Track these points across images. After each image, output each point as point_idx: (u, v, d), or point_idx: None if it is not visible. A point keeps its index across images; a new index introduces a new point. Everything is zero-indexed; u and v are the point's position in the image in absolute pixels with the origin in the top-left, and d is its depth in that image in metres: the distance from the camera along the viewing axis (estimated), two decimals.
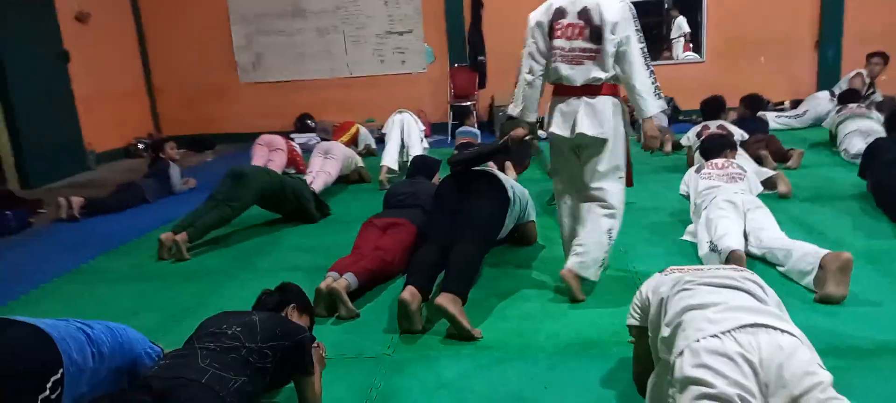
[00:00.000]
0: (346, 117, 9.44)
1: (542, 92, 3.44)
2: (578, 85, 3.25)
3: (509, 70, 9.47)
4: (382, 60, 9.86)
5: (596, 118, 3.23)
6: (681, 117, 8.98)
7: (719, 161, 4.33)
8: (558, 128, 3.33)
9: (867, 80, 7.87)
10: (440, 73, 9.71)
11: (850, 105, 6.49)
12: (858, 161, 5.55)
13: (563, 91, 3.33)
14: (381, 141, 7.81)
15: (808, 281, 3.18)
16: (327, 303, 3.33)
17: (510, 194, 3.80)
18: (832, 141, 6.52)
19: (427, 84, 9.79)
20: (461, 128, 7.98)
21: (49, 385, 2.15)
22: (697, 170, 4.29)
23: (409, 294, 3.04)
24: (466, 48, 9.50)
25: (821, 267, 3.11)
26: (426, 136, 8.32)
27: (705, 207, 3.88)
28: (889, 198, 4.22)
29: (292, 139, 8.95)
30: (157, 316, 3.53)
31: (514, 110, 3.47)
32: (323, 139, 7.34)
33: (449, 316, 2.92)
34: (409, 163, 5.41)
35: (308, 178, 5.99)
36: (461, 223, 3.45)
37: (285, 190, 5.06)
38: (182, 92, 10.28)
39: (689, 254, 3.87)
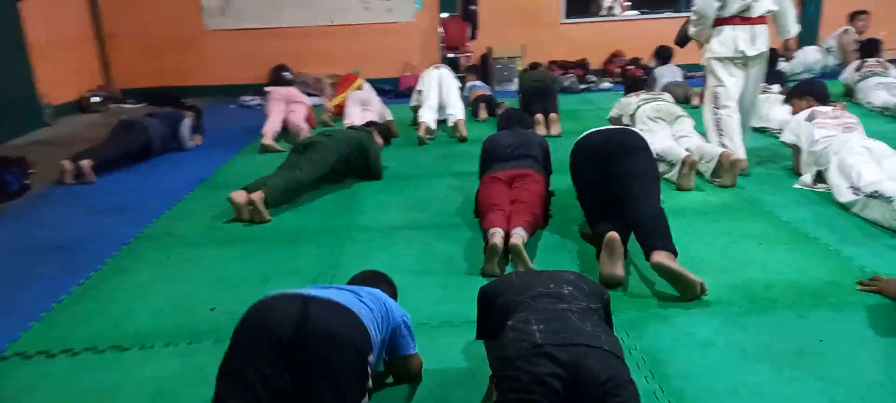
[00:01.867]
0: (328, 69, 8.89)
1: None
2: (755, 16, 4.39)
3: (502, 20, 9.31)
4: (367, 8, 9.29)
5: (765, 39, 4.46)
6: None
7: (828, 109, 4.31)
8: (744, 44, 4.38)
9: (854, 38, 8.22)
10: (429, 23, 9.28)
11: (869, 61, 6.72)
12: (885, 112, 5.77)
13: (740, 20, 4.37)
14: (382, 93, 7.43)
15: None
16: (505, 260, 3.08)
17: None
18: (848, 93, 6.75)
19: (415, 34, 9.33)
20: (471, 83, 7.68)
21: (369, 368, 1.79)
22: (809, 120, 4.25)
23: (613, 236, 2.85)
24: None
25: None
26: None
27: (835, 153, 3.85)
28: None
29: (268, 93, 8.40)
30: (294, 279, 3.10)
31: (691, 30, 4.62)
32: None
33: (674, 272, 2.71)
34: (499, 115, 5.19)
35: (265, 132, 5.60)
36: (625, 178, 3.20)
37: (365, 148, 4.64)
38: (139, 39, 9.26)
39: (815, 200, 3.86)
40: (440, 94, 6.24)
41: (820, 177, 4.05)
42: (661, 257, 2.74)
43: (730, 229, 3.50)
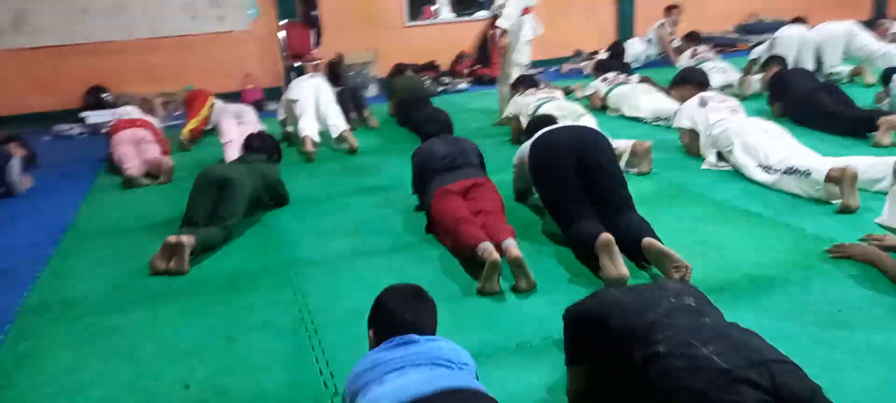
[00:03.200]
0: (154, 87, 7.95)
1: None
2: None
3: (345, 25, 8.96)
4: (194, 17, 8.41)
5: None
6: None
7: (714, 94, 4.66)
8: None
9: (670, 29, 9.14)
10: (267, 31, 8.64)
11: (700, 48, 7.47)
12: (725, 90, 6.45)
13: None
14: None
15: (882, 186, 3.63)
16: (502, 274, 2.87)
17: None
18: None
19: (253, 43, 8.64)
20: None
21: None
22: (702, 105, 4.55)
23: (609, 238, 2.80)
24: (298, 0, 8.60)
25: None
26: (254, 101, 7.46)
27: (737, 135, 4.16)
28: (820, 113, 4.97)
29: (85, 119, 7.33)
30: (271, 333, 2.62)
31: None
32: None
33: (666, 254, 2.73)
34: (422, 121, 4.80)
35: (227, 149, 4.93)
36: (604, 177, 3.16)
37: (271, 182, 4.11)
38: None
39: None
40: (318, 107, 5.78)
41: (720, 157, 4.38)
42: (652, 240, 2.78)
43: (678, 215, 3.61)
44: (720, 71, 6.87)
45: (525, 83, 5.58)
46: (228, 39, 8.52)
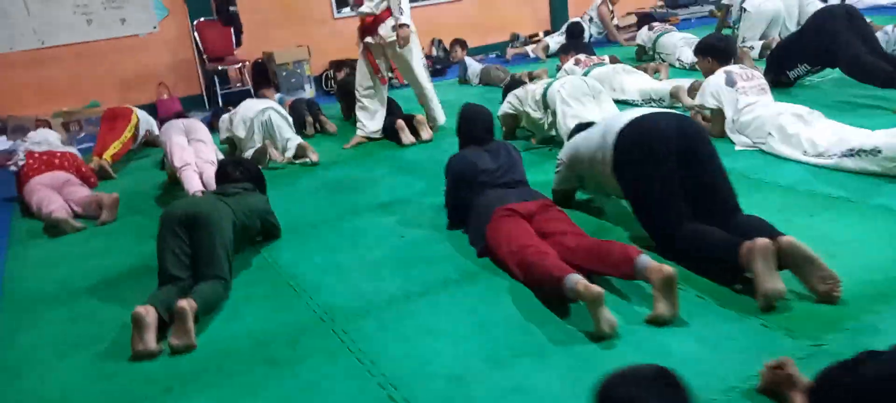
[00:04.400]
0: (50, 106, 6.80)
1: None
2: None
3: (267, 21, 8.02)
4: (90, 20, 7.22)
5: None
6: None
7: (741, 71, 4.27)
8: None
9: (611, 7, 8.89)
10: (179, 32, 7.59)
11: (656, 24, 7.20)
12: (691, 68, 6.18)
13: None
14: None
15: None
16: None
17: None
18: (641, 55, 7.17)
19: (164, 47, 7.55)
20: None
21: None
22: (730, 85, 4.17)
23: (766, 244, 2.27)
24: None
25: None
26: (173, 113, 6.46)
27: (770, 130, 3.82)
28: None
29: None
30: None
31: None
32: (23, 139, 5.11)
33: (812, 258, 2.27)
34: (461, 123, 3.61)
35: (185, 175, 4.04)
36: (717, 174, 2.67)
37: (261, 214, 3.31)
38: None
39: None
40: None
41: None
42: (795, 241, 2.29)
43: (758, 206, 3.15)
44: (689, 44, 6.60)
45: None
46: (134, 45, 7.39)
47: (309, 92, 7.55)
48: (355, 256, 3.16)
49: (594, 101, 4.27)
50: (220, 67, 7.50)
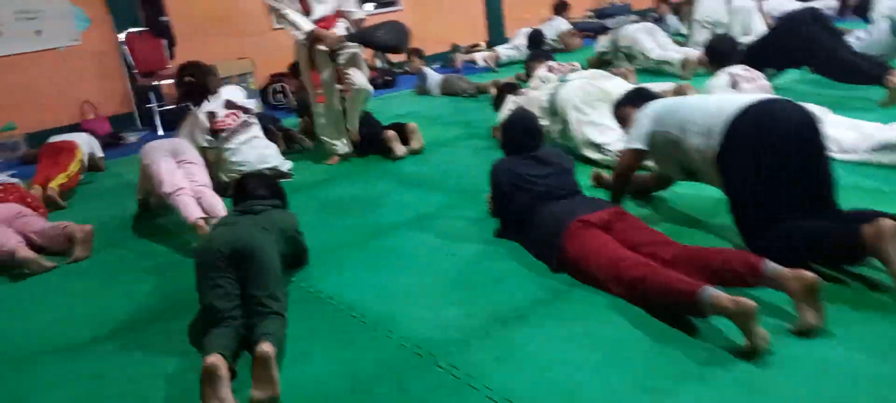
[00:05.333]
0: None
1: None
2: None
3: (201, 32, 7.41)
4: (0, 33, 6.38)
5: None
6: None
7: (745, 73, 4.30)
8: None
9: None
10: (105, 45, 6.88)
11: (610, 27, 7.28)
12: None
13: None
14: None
15: None
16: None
17: None
18: (602, 63, 7.20)
19: (87, 61, 6.81)
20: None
21: None
22: (733, 85, 4.19)
23: None
24: (139, 6, 6.93)
25: None
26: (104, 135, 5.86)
27: None
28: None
29: None
30: None
31: None
32: None
33: None
34: (506, 131, 3.33)
35: (179, 201, 3.53)
36: (818, 165, 2.53)
37: (291, 235, 2.92)
38: None
39: None
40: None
41: None
42: None
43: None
44: (649, 32, 6.70)
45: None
46: (53, 59, 6.62)
47: (256, 106, 7.02)
48: (411, 280, 2.84)
49: (609, 106, 4.14)
50: (153, 82, 6.84)
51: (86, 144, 5.12)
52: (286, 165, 4.52)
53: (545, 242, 2.77)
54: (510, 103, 4.53)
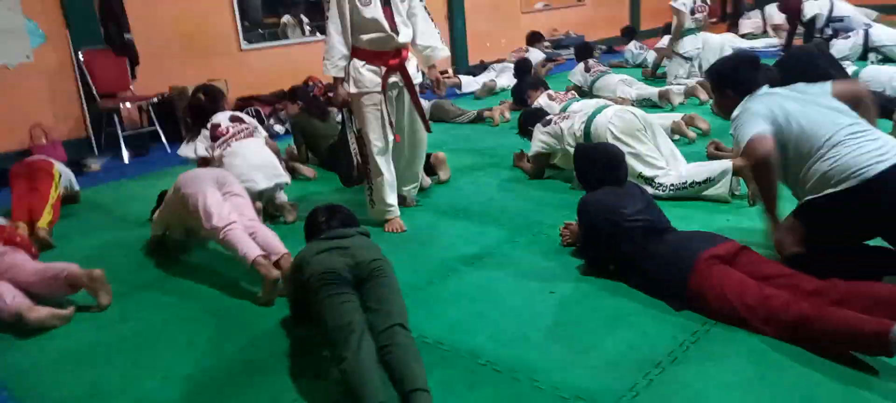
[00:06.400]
0: None
1: None
2: None
3: (164, 52, 6.91)
4: None
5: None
6: None
7: None
8: None
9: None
10: (60, 63, 6.22)
11: (591, 62, 7.26)
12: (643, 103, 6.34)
13: None
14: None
15: None
16: None
17: None
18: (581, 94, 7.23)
19: (40, 81, 6.13)
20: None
21: None
22: None
23: None
24: (101, 21, 6.34)
25: None
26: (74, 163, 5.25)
27: None
28: None
29: None
30: None
31: None
32: None
33: None
34: (592, 160, 3.18)
35: (232, 236, 3.10)
36: None
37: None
38: None
39: None
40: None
41: None
42: None
43: None
44: (627, 84, 6.80)
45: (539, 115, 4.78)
46: (1, 78, 5.90)
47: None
48: (519, 321, 2.63)
49: (650, 135, 4.09)
50: (122, 104, 6.24)
51: (64, 174, 4.56)
52: (286, 177, 4.15)
53: (668, 281, 2.64)
54: (541, 134, 4.38)
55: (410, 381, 1.94)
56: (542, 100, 5.90)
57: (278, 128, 6.69)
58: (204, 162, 4.02)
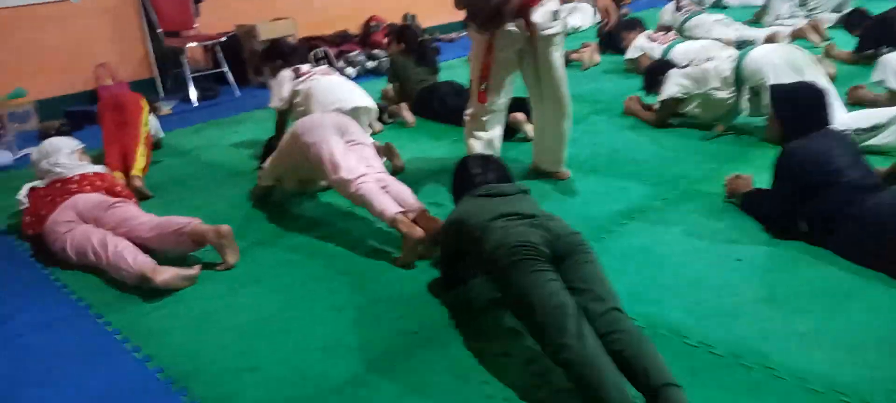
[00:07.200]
0: None
1: None
2: None
3: None
4: None
5: None
6: None
7: None
8: None
9: None
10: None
11: (683, 3, 6.76)
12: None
13: None
14: None
15: None
16: None
17: None
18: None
19: (102, 18, 5.81)
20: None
21: None
22: None
23: None
24: None
25: None
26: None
27: None
28: None
29: None
30: None
31: None
32: None
33: None
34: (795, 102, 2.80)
35: (374, 196, 2.75)
36: None
37: None
38: None
39: None
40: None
41: None
42: None
43: None
44: (724, 24, 6.29)
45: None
46: (60, 13, 5.58)
47: None
48: (717, 294, 2.30)
49: (814, 69, 3.67)
50: (187, 45, 5.90)
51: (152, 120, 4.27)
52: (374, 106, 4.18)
53: (890, 244, 2.29)
54: (679, 76, 3.97)
55: (657, 375, 1.63)
56: (641, 42, 5.47)
57: (350, 70, 6.29)
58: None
